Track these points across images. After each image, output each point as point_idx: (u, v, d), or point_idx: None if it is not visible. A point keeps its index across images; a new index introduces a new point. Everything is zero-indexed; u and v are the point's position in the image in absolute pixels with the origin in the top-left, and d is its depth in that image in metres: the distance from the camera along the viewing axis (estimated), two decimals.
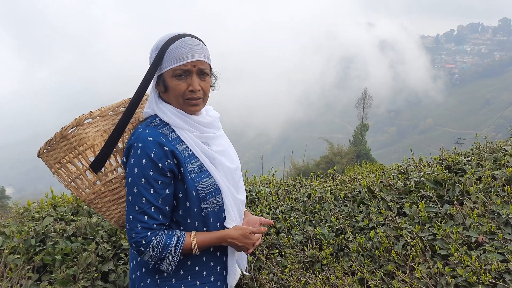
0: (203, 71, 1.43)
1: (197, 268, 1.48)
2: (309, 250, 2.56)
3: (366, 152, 33.84)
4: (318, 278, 2.28)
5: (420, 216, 2.49)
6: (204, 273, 1.50)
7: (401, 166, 3.54)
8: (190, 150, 1.44)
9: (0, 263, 2.47)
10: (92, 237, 2.81)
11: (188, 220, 1.44)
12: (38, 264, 2.55)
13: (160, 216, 1.38)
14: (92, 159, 1.48)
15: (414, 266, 2.14)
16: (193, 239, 1.41)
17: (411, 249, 2.26)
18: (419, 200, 2.70)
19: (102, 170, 1.51)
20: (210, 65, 1.47)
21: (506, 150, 3.20)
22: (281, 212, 3.07)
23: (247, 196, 3.26)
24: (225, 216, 1.49)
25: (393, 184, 3.02)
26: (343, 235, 2.61)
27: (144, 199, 1.35)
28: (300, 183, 3.88)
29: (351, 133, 39.65)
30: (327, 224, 2.77)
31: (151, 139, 1.36)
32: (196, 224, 1.45)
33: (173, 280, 1.46)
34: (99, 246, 2.68)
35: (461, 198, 2.62)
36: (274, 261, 2.55)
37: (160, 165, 1.35)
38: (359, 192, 3.08)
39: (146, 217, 1.36)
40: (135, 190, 1.36)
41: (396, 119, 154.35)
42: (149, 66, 1.43)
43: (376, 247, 2.38)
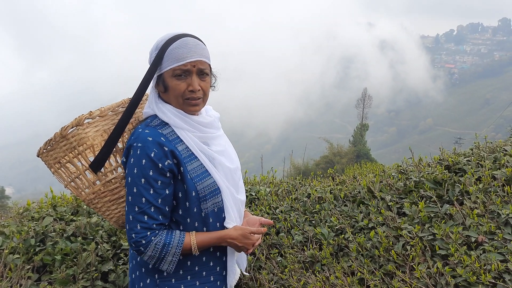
0: (203, 71, 1.43)
1: (196, 268, 1.48)
2: (309, 250, 2.56)
3: (366, 152, 33.83)
4: (318, 278, 2.28)
5: (420, 216, 2.49)
6: (204, 273, 1.50)
7: (401, 166, 3.54)
8: (190, 150, 1.44)
9: (0, 263, 2.47)
10: (92, 237, 2.81)
11: (188, 220, 1.44)
12: (38, 264, 2.55)
13: (160, 216, 1.38)
14: (91, 159, 1.48)
15: (414, 266, 2.14)
16: (193, 239, 1.41)
17: (410, 249, 2.26)
18: (419, 200, 2.70)
19: (102, 170, 1.51)
20: (210, 65, 1.47)
21: (505, 150, 3.19)
22: (281, 212, 3.07)
23: (247, 196, 3.26)
24: (224, 216, 1.49)
25: (393, 184, 3.02)
26: (343, 235, 2.61)
27: (143, 199, 1.35)
28: (300, 183, 3.88)
29: (351, 133, 39.64)
30: (327, 224, 2.77)
31: (151, 139, 1.36)
32: (196, 224, 1.45)
33: (173, 280, 1.46)
34: (99, 246, 2.68)
35: (460, 198, 2.62)
36: (274, 261, 2.55)
37: (160, 165, 1.35)
38: (359, 192, 3.08)
39: (146, 217, 1.36)
40: (135, 190, 1.36)
41: (396, 119, 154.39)
42: (149, 66, 1.44)
43: (376, 247, 2.38)
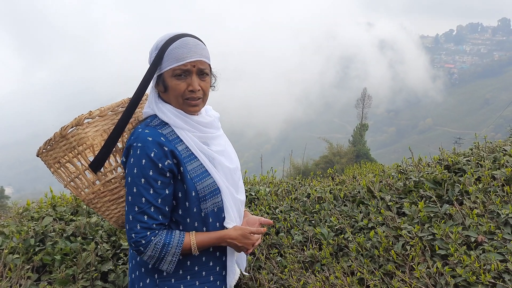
0: (202, 71, 1.43)
1: (196, 268, 1.48)
2: (309, 250, 2.56)
3: (365, 152, 33.83)
4: (317, 278, 2.28)
5: (419, 216, 2.49)
6: (204, 273, 1.50)
7: (400, 166, 3.54)
8: (190, 150, 1.44)
9: (0, 263, 2.47)
10: (91, 237, 2.81)
11: (188, 220, 1.44)
12: (38, 264, 2.55)
13: (160, 216, 1.38)
14: (91, 158, 1.48)
15: (413, 266, 2.14)
16: (193, 239, 1.41)
17: (410, 249, 2.26)
18: (418, 200, 2.70)
19: (102, 170, 1.50)
20: (209, 65, 1.47)
21: (505, 150, 3.19)
22: (281, 212, 3.07)
23: (246, 196, 3.26)
24: (224, 216, 1.49)
25: (392, 184, 3.02)
26: (342, 235, 2.61)
27: (143, 199, 1.35)
28: (299, 183, 3.88)
29: (351, 133, 39.64)
30: (326, 224, 2.77)
31: (150, 139, 1.36)
32: (196, 224, 1.45)
33: (173, 280, 1.46)
34: (99, 246, 2.68)
35: (460, 198, 2.62)
36: (274, 261, 2.55)
37: (160, 165, 1.35)
38: (359, 192, 3.08)
39: (146, 217, 1.36)
40: (135, 190, 1.36)
41: (396, 119, 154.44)
42: (148, 66, 1.43)
43: (376, 247, 2.38)
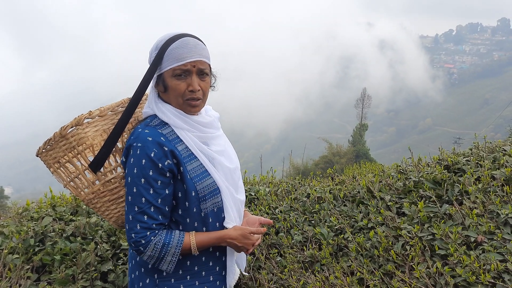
0: (202, 71, 1.43)
1: (196, 268, 1.48)
2: (309, 250, 2.56)
3: (365, 152, 33.84)
4: (317, 278, 2.28)
5: (419, 216, 2.49)
6: (203, 273, 1.50)
7: (400, 166, 3.54)
8: (190, 150, 1.44)
9: None
10: (91, 237, 2.81)
11: (187, 220, 1.44)
12: (37, 264, 2.54)
13: (160, 216, 1.38)
14: (91, 158, 1.48)
15: (413, 266, 2.14)
16: (192, 239, 1.41)
17: (410, 249, 2.26)
18: (418, 200, 2.70)
19: (101, 169, 1.50)
20: (209, 65, 1.47)
21: (505, 150, 3.20)
22: (280, 212, 3.07)
23: (246, 196, 3.26)
24: (224, 216, 1.49)
25: (392, 184, 3.02)
26: (342, 235, 2.61)
27: (143, 199, 1.35)
28: (299, 183, 3.88)
29: (350, 133, 39.66)
30: (326, 224, 2.77)
31: (150, 139, 1.36)
32: (195, 224, 1.45)
33: (172, 280, 1.46)
34: (98, 246, 2.67)
35: (460, 198, 2.62)
36: (274, 261, 2.55)
37: (160, 165, 1.35)
38: (358, 192, 3.08)
39: (146, 217, 1.36)
40: (135, 190, 1.36)
41: (395, 119, 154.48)
42: (148, 65, 1.43)
43: (375, 247, 2.38)
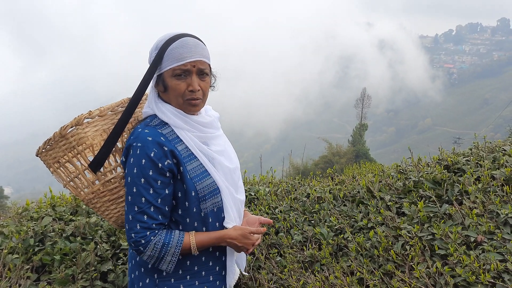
0: (202, 71, 1.43)
1: (196, 268, 1.48)
2: (308, 250, 2.56)
3: (365, 152, 33.82)
4: (317, 277, 2.28)
5: (419, 216, 2.49)
6: (203, 273, 1.50)
7: (400, 166, 3.54)
8: (190, 150, 1.44)
9: None
10: (91, 237, 2.81)
11: (187, 220, 1.44)
12: (37, 264, 2.54)
13: (160, 216, 1.38)
14: (91, 158, 1.48)
15: (413, 265, 2.14)
16: (192, 239, 1.41)
17: (410, 248, 2.26)
18: (418, 200, 2.70)
19: (101, 169, 1.50)
20: (209, 65, 1.47)
21: (505, 150, 3.20)
22: (280, 212, 3.07)
23: (246, 196, 3.26)
24: (224, 216, 1.49)
25: (392, 184, 3.02)
26: (342, 235, 2.61)
27: (143, 198, 1.35)
28: (299, 183, 3.88)
29: (350, 132, 39.65)
30: (326, 224, 2.77)
31: (150, 138, 1.36)
32: (195, 224, 1.45)
33: (172, 279, 1.46)
34: (98, 246, 2.67)
35: (460, 198, 2.62)
36: (273, 261, 2.55)
37: (160, 165, 1.35)
38: (358, 192, 3.08)
39: (146, 216, 1.35)
40: (135, 190, 1.36)
41: (395, 119, 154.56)
42: (148, 65, 1.43)
43: (375, 247, 2.38)
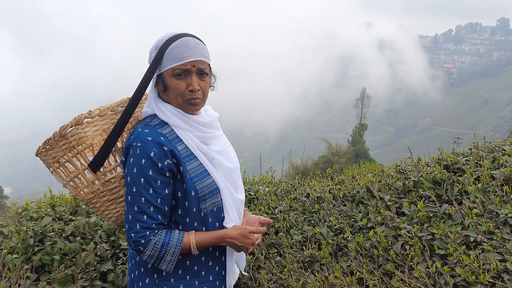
0: (202, 71, 1.43)
1: (195, 268, 1.48)
2: (308, 249, 2.56)
3: (364, 152, 33.84)
4: (317, 277, 2.28)
5: (418, 216, 2.49)
6: (203, 272, 1.50)
7: (399, 165, 3.54)
8: (189, 149, 1.44)
9: None
10: (90, 237, 2.81)
11: (187, 219, 1.44)
12: (37, 264, 2.54)
13: (159, 216, 1.38)
14: (91, 158, 1.48)
15: (413, 265, 2.14)
16: (192, 238, 1.41)
17: (409, 248, 2.26)
18: (417, 199, 2.70)
19: (101, 169, 1.50)
20: (209, 65, 1.47)
21: (504, 150, 3.20)
22: (280, 211, 3.07)
23: (246, 196, 3.25)
24: (224, 216, 1.49)
25: (391, 183, 3.02)
26: (342, 235, 2.61)
27: (143, 198, 1.35)
28: (299, 182, 3.88)
29: (350, 132, 39.68)
30: (326, 223, 2.77)
31: (150, 138, 1.36)
32: (195, 224, 1.45)
33: (172, 279, 1.46)
34: (98, 246, 2.67)
35: (459, 198, 2.62)
36: (273, 260, 2.55)
37: (160, 164, 1.35)
38: (358, 191, 3.08)
39: (145, 216, 1.35)
40: (134, 190, 1.36)
41: (395, 119, 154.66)
42: (148, 65, 1.43)
43: (375, 247, 2.38)
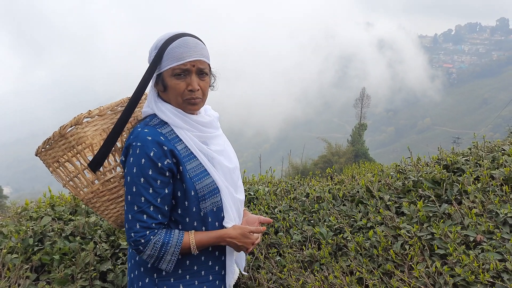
0: (202, 71, 1.43)
1: (195, 268, 1.48)
2: (308, 249, 2.56)
3: (364, 152, 33.85)
4: (316, 277, 2.28)
5: (418, 216, 2.50)
6: (203, 272, 1.50)
7: (399, 165, 3.54)
8: (189, 149, 1.44)
9: None
10: (90, 237, 2.81)
11: (187, 219, 1.44)
12: (36, 263, 2.54)
13: (159, 216, 1.38)
14: (90, 158, 1.48)
15: (412, 265, 2.14)
16: (192, 238, 1.41)
17: (409, 248, 2.27)
18: (417, 199, 2.70)
19: (101, 169, 1.50)
20: (209, 65, 1.47)
21: (504, 150, 3.20)
22: (280, 211, 3.07)
23: (245, 196, 3.25)
24: (223, 216, 1.49)
25: (391, 183, 3.02)
26: (341, 235, 2.61)
27: (143, 198, 1.35)
28: (298, 182, 3.88)
29: (349, 132, 39.67)
30: (325, 223, 2.77)
31: (150, 138, 1.36)
32: (195, 224, 1.45)
33: (172, 279, 1.46)
34: (97, 246, 2.67)
35: (459, 198, 2.62)
36: (273, 260, 2.55)
37: (159, 164, 1.35)
38: (358, 191, 3.08)
39: (145, 216, 1.35)
40: (134, 189, 1.36)
41: (394, 119, 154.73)
42: (148, 65, 1.43)
43: (375, 247, 2.38)
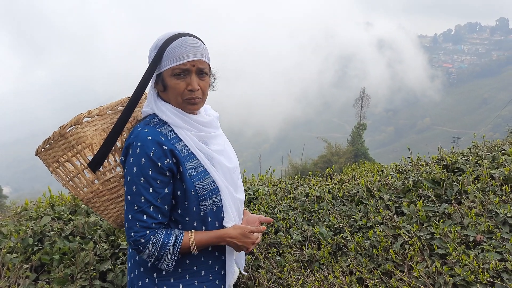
0: (202, 71, 1.43)
1: (195, 267, 1.48)
2: (308, 249, 2.56)
3: (364, 152, 33.87)
4: (316, 277, 2.28)
5: (418, 215, 2.50)
6: (203, 272, 1.50)
7: (399, 165, 3.54)
8: (189, 149, 1.44)
9: None
10: (90, 237, 2.81)
11: (187, 219, 1.44)
12: (36, 263, 2.54)
13: (159, 215, 1.38)
14: (90, 158, 1.48)
15: (412, 265, 2.14)
16: (192, 238, 1.41)
17: (409, 248, 2.27)
18: (417, 199, 2.70)
19: (101, 169, 1.50)
20: (209, 65, 1.47)
21: (503, 150, 3.20)
22: (280, 211, 3.07)
23: (245, 196, 3.25)
24: (223, 216, 1.49)
25: (391, 183, 3.03)
26: (341, 234, 2.61)
27: (143, 198, 1.35)
28: (298, 182, 3.88)
29: (349, 132, 39.67)
30: (325, 223, 2.77)
31: (150, 138, 1.36)
32: (195, 223, 1.45)
33: (172, 279, 1.46)
34: (97, 246, 2.67)
35: (459, 197, 2.62)
36: (273, 260, 2.55)
37: (159, 164, 1.35)
38: (357, 191, 3.08)
39: (145, 216, 1.35)
40: (134, 189, 1.36)
41: (394, 119, 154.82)
42: (148, 65, 1.43)
43: (374, 246, 2.38)
